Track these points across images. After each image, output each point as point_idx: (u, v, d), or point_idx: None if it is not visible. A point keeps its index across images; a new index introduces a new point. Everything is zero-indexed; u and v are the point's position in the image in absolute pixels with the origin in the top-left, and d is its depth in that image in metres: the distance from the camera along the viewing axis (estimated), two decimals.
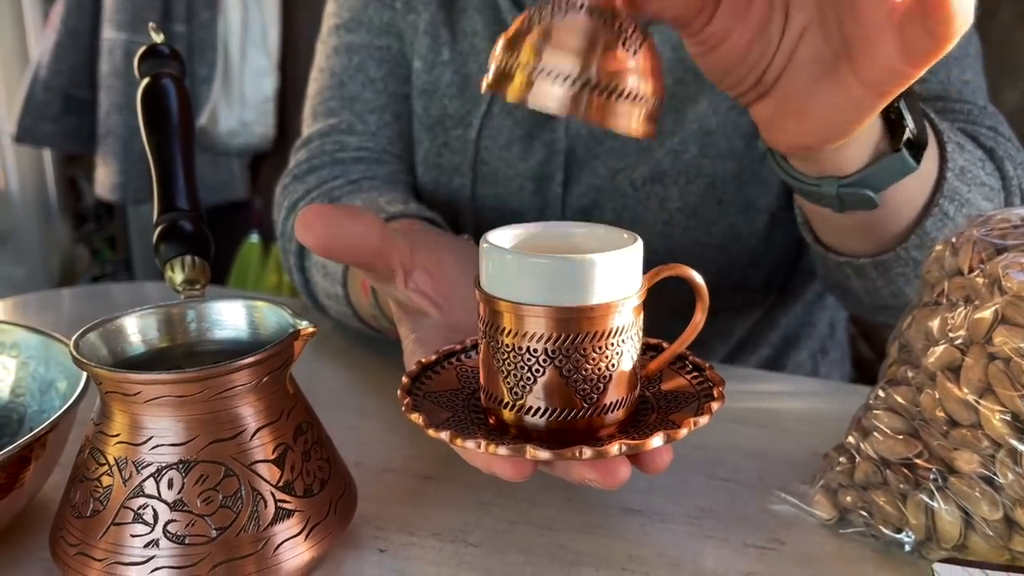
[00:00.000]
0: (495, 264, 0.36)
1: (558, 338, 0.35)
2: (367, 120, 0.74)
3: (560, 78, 0.33)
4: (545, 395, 0.36)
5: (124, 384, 0.36)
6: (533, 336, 0.35)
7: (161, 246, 0.44)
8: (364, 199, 0.66)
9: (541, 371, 0.35)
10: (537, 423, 0.37)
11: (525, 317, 0.35)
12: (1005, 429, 0.37)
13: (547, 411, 0.36)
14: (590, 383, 0.36)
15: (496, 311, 0.36)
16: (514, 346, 0.36)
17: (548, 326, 0.35)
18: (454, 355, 0.43)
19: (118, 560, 0.36)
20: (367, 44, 0.75)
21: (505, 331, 0.36)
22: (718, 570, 0.41)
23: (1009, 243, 0.39)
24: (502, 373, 0.36)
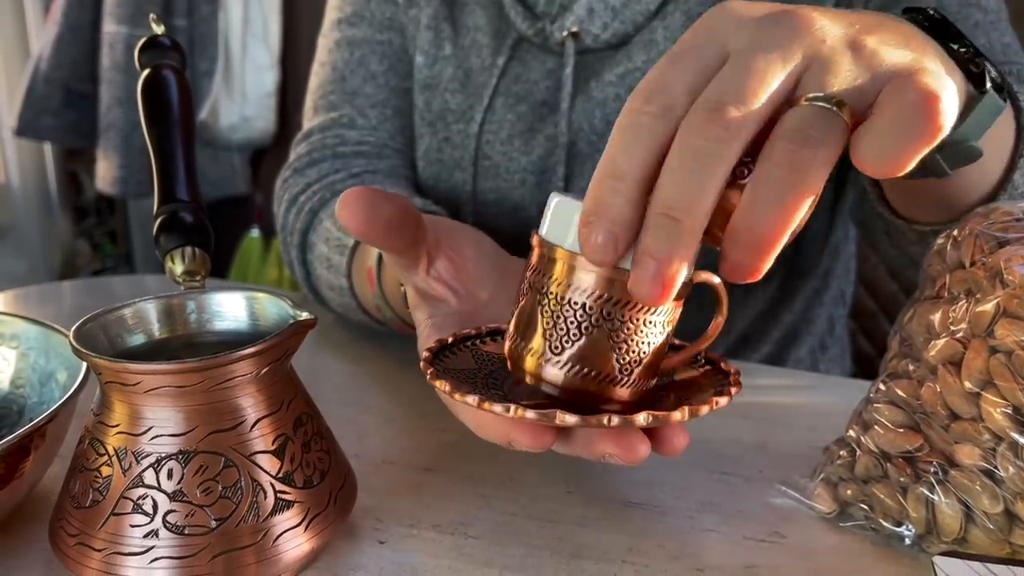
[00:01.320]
0: (561, 212, 0.36)
1: (606, 298, 0.35)
2: (368, 115, 0.74)
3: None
4: (583, 353, 0.35)
5: (124, 374, 0.36)
6: (582, 290, 0.35)
7: (161, 237, 0.44)
8: None
9: (590, 329, 0.35)
10: (559, 376, 0.36)
11: (581, 271, 0.35)
12: (1006, 422, 0.37)
13: (580, 370, 0.36)
14: (631, 354, 0.36)
15: (552, 258, 0.36)
16: (562, 297, 0.35)
17: (600, 284, 0.34)
18: (469, 339, 0.43)
19: (117, 550, 0.36)
20: (369, 39, 0.75)
21: (556, 280, 0.35)
22: (718, 563, 0.41)
23: (1011, 236, 0.39)
24: (546, 323, 0.36)
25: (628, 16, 0.66)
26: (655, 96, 0.32)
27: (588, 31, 0.67)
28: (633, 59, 0.66)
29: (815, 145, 0.30)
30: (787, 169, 0.30)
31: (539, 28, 0.68)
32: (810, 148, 0.30)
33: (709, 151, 0.30)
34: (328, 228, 0.65)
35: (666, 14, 0.66)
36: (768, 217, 0.30)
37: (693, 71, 0.32)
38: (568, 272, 0.35)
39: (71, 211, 2.15)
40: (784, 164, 0.30)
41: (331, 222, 0.65)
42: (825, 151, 0.30)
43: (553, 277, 0.36)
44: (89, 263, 2.19)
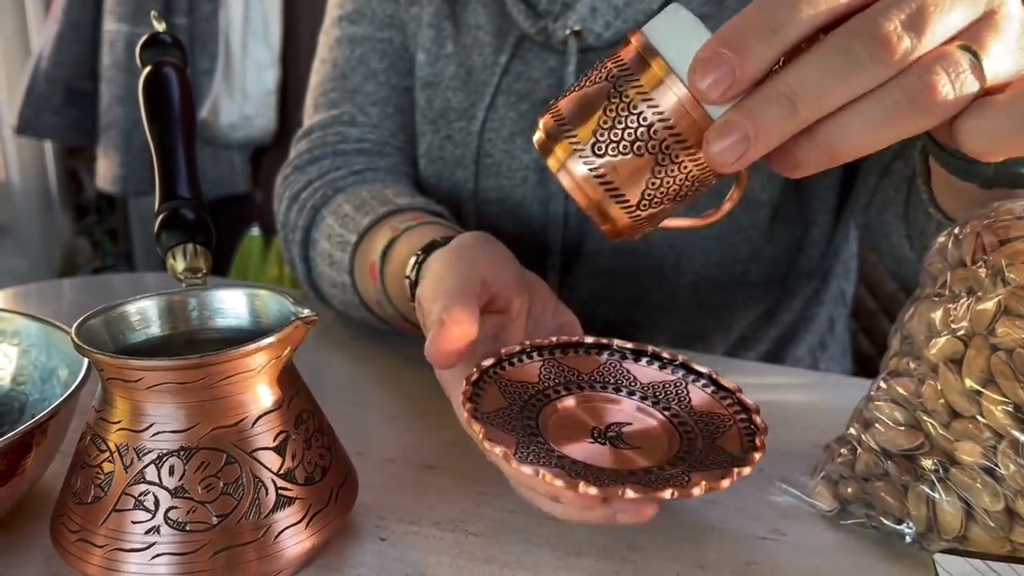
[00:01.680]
0: (679, 27, 0.34)
1: (677, 133, 0.33)
2: (369, 112, 0.74)
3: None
4: (621, 167, 0.34)
5: (125, 370, 0.36)
6: (660, 112, 0.33)
7: (163, 234, 0.44)
8: (369, 190, 0.66)
9: (641, 149, 0.34)
10: (581, 172, 0.35)
11: (667, 90, 0.33)
12: (1007, 420, 0.37)
13: (605, 179, 0.35)
14: (659, 193, 0.35)
15: (645, 63, 0.34)
16: (637, 106, 0.33)
17: (681, 115, 0.33)
18: (493, 367, 0.42)
19: (119, 547, 0.36)
20: (370, 36, 0.75)
21: (637, 87, 0.33)
22: (719, 561, 0.41)
23: (1012, 235, 0.39)
24: (603, 119, 0.34)
25: (631, 15, 0.66)
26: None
27: (591, 30, 0.67)
28: None
29: (948, 92, 0.29)
30: (909, 103, 0.29)
31: (541, 27, 0.68)
32: (940, 96, 0.29)
33: (865, 68, 0.29)
34: (330, 225, 0.65)
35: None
36: (860, 135, 0.29)
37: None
38: (655, 85, 0.33)
39: (71, 209, 2.15)
40: (911, 95, 0.29)
41: (333, 219, 0.65)
42: (945, 109, 0.29)
43: (636, 81, 0.33)
44: (89, 261, 2.19)
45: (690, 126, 0.33)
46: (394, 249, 0.56)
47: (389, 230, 0.58)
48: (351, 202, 0.65)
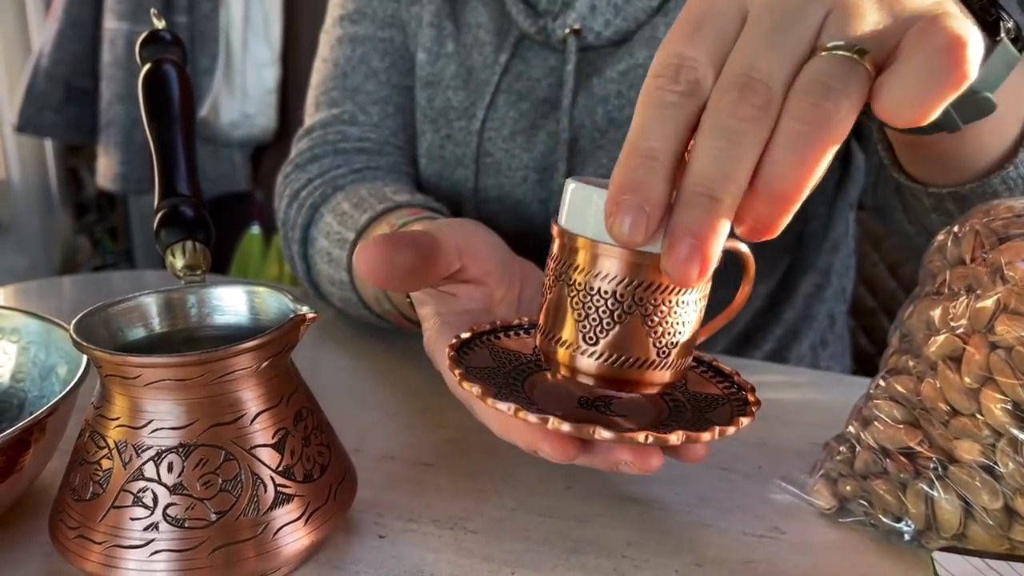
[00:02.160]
0: (578, 199, 0.35)
1: (634, 283, 0.34)
2: (369, 111, 0.74)
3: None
4: (619, 340, 0.35)
5: (124, 367, 0.36)
6: (607, 277, 0.34)
7: (162, 232, 0.44)
8: (368, 188, 0.66)
9: (624, 317, 0.34)
10: (593, 367, 0.36)
11: (605, 257, 0.34)
12: (1006, 418, 0.37)
13: (617, 359, 0.35)
14: (668, 335, 0.35)
15: (574, 248, 0.35)
16: (588, 286, 0.35)
17: (624, 270, 0.34)
18: (484, 335, 0.43)
19: (117, 543, 0.36)
20: (371, 36, 0.75)
21: (580, 269, 0.35)
22: (717, 558, 0.41)
23: (1012, 232, 0.39)
24: (577, 315, 0.35)
25: (631, 13, 0.66)
26: (681, 72, 0.31)
27: (590, 28, 0.67)
28: (635, 55, 0.66)
29: (837, 97, 0.29)
30: (809, 124, 0.29)
31: (541, 26, 0.68)
32: (832, 101, 0.29)
33: (743, 130, 0.30)
34: (329, 223, 0.65)
35: (668, 10, 0.66)
36: (791, 173, 0.30)
37: (714, 39, 0.31)
38: (593, 260, 0.34)
39: (72, 207, 2.15)
40: (806, 119, 0.29)
41: (332, 217, 0.65)
42: (848, 102, 0.29)
43: (578, 266, 0.35)
44: (90, 259, 2.19)
45: (644, 270, 0.34)
46: None
47: (387, 227, 0.58)
48: (350, 200, 0.65)
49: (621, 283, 0.34)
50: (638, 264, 0.34)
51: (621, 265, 0.34)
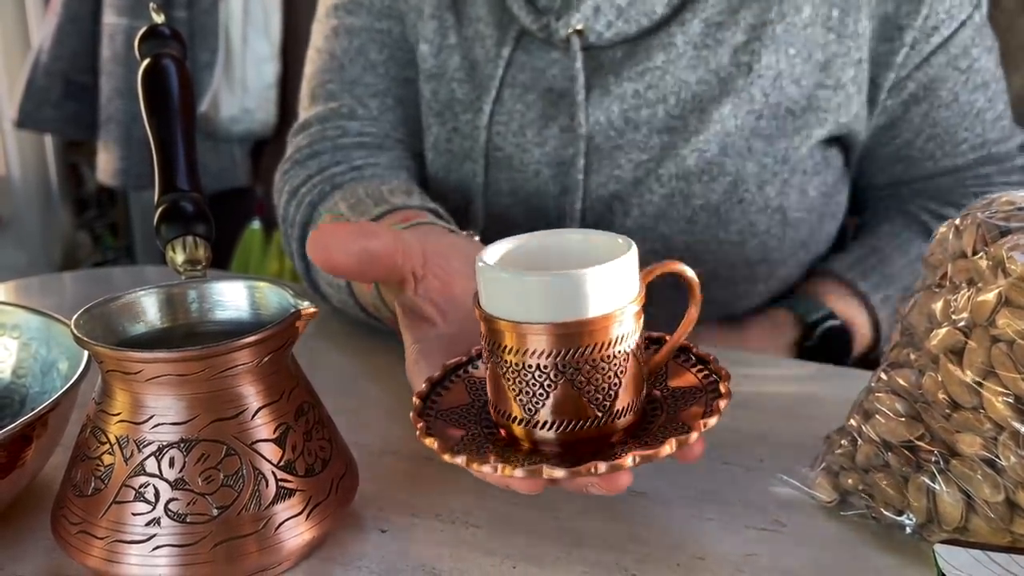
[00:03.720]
0: (492, 284, 0.36)
1: (560, 353, 0.35)
2: (368, 105, 0.74)
3: None
4: (557, 409, 0.36)
5: (125, 363, 0.36)
6: (535, 352, 0.35)
7: (162, 227, 0.44)
8: (366, 188, 0.65)
9: (553, 385, 0.36)
10: (549, 436, 0.37)
11: (527, 335, 0.35)
12: (1008, 412, 0.37)
13: (560, 424, 0.36)
14: (602, 392, 0.36)
15: (497, 330, 0.36)
16: (519, 363, 0.36)
17: (550, 342, 0.35)
18: (460, 367, 0.43)
19: (119, 538, 0.36)
20: (368, 27, 0.74)
21: (508, 349, 0.36)
22: (719, 552, 0.41)
23: (1013, 225, 0.39)
24: (512, 391, 0.37)
25: (633, 16, 0.66)
26: None
27: (593, 29, 0.67)
28: (653, 58, 0.67)
29: None
30: None
31: (543, 23, 0.68)
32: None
33: None
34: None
35: (684, 20, 0.67)
36: None
37: None
38: (516, 340, 0.36)
39: (72, 203, 2.15)
40: None
41: (329, 217, 0.65)
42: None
43: (504, 347, 0.36)
44: (90, 255, 2.19)
45: (560, 339, 0.35)
46: None
47: None
48: (347, 200, 0.64)
49: (544, 355, 0.35)
50: (561, 335, 0.35)
51: (543, 339, 0.35)
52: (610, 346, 0.36)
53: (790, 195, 0.69)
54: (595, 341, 0.35)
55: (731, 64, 0.66)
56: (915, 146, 0.73)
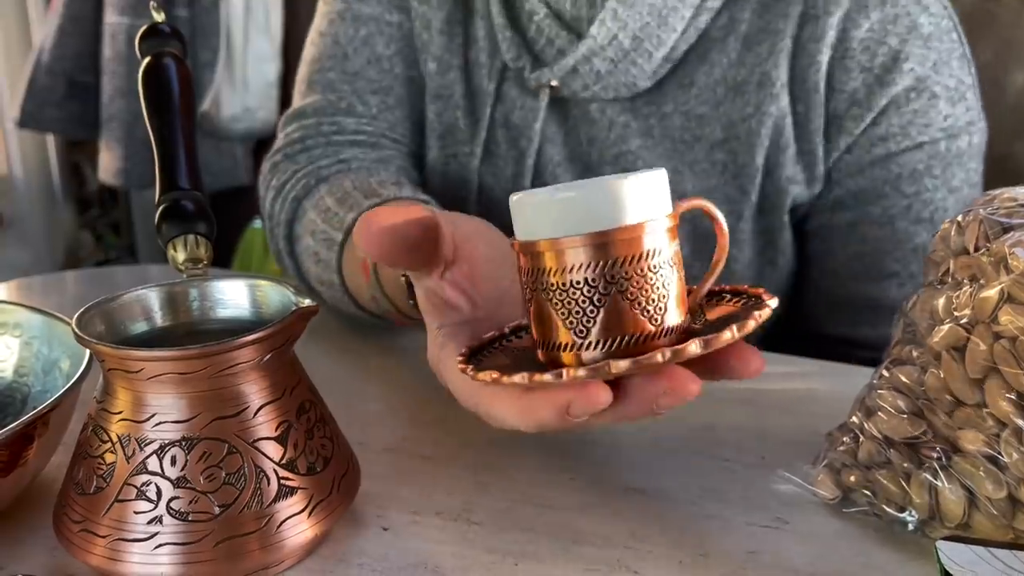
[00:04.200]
0: (528, 209, 0.36)
1: (602, 264, 0.34)
2: (368, 102, 0.71)
3: None
4: (609, 324, 0.35)
5: (127, 361, 0.36)
6: (579, 267, 0.34)
7: (163, 225, 0.44)
8: (353, 180, 0.63)
9: (603, 300, 0.34)
10: (599, 357, 0.35)
11: (566, 251, 0.34)
12: (1010, 408, 0.36)
13: (613, 341, 0.35)
14: (652, 304, 0.35)
15: (537, 253, 0.35)
16: (565, 283, 0.35)
17: (589, 253, 0.34)
18: (496, 341, 0.42)
19: (122, 536, 0.36)
20: (377, 17, 0.71)
21: (551, 271, 0.35)
22: (720, 549, 0.41)
23: (1015, 221, 0.39)
24: (561, 315, 0.35)
25: (612, 85, 0.65)
26: None
27: (568, 86, 0.65)
28: (629, 141, 0.65)
29: None
30: None
31: (520, 67, 0.67)
32: None
33: None
34: (313, 220, 0.63)
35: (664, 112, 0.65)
36: None
37: None
38: (557, 258, 0.35)
39: (74, 202, 2.15)
40: None
41: (316, 213, 0.63)
42: None
43: (546, 270, 0.35)
44: (92, 254, 2.19)
45: (604, 249, 0.34)
46: None
47: None
48: (333, 194, 0.62)
49: (589, 269, 0.34)
50: (600, 244, 0.34)
51: (584, 251, 0.34)
52: (652, 256, 0.35)
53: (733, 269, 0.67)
54: (634, 251, 0.34)
55: (707, 160, 0.65)
56: (837, 261, 0.67)
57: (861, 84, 0.61)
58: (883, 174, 0.63)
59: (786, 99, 0.62)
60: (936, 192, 0.63)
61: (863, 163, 0.63)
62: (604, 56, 0.63)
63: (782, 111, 0.63)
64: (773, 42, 0.62)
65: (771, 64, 0.62)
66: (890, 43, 0.60)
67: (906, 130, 0.62)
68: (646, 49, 0.62)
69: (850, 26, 0.60)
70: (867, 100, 0.61)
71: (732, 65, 0.63)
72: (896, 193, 0.63)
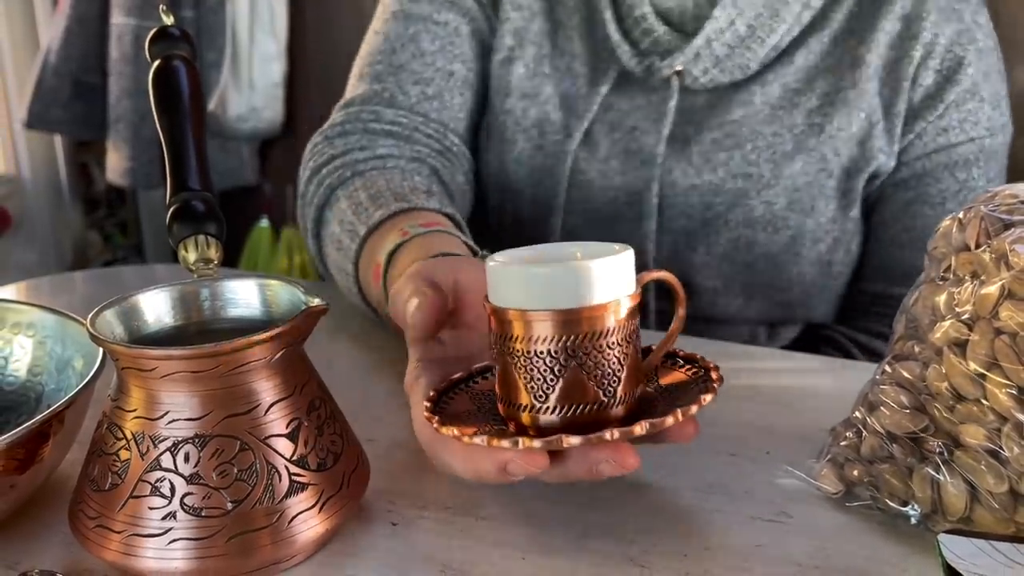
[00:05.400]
0: (503, 278, 0.39)
1: (565, 339, 0.37)
2: (408, 92, 0.76)
3: None
4: (566, 393, 0.38)
5: (141, 360, 0.37)
6: (543, 339, 0.38)
7: (174, 226, 0.44)
8: (388, 180, 0.67)
9: (563, 370, 0.38)
10: (556, 421, 0.38)
11: (533, 322, 0.38)
12: (1011, 403, 0.37)
13: (568, 408, 0.38)
14: (607, 376, 0.38)
15: (506, 320, 0.38)
16: (529, 351, 0.38)
17: (555, 328, 0.37)
18: (462, 382, 0.45)
19: (136, 532, 0.37)
20: (426, 16, 0.77)
21: (517, 338, 0.38)
22: (726, 542, 0.42)
23: (1016, 218, 0.39)
24: (524, 379, 0.38)
25: (728, 68, 0.72)
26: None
27: (690, 73, 0.72)
28: (732, 112, 0.73)
29: None
30: None
31: (646, 65, 0.73)
32: None
33: None
34: (343, 209, 0.66)
35: (766, 81, 0.72)
36: None
37: None
38: (525, 328, 0.38)
39: (82, 202, 2.17)
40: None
41: (348, 203, 0.66)
42: None
43: (514, 337, 0.38)
44: (100, 254, 2.21)
45: (568, 325, 0.37)
46: (400, 255, 0.57)
47: (398, 233, 0.58)
48: (367, 190, 0.66)
49: (553, 341, 0.38)
50: (565, 321, 0.37)
51: (550, 326, 0.37)
52: (611, 334, 0.38)
53: (838, 251, 0.74)
54: (596, 328, 0.38)
55: (804, 123, 0.72)
56: (889, 231, 0.76)
57: (933, 82, 0.72)
58: (943, 160, 0.73)
59: (877, 82, 0.72)
60: (979, 180, 0.74)
61: (928, 149, 0.73)
62: (722, 41, 0.71)
63: (874, 90, 0.72)
64: (868, 32, 0.72)
65: (864, 49, 0.71)
66: (957, 52, 0.71)
67: (962, 125, 0.72)
68: (759, 36, 0.71)
69: (938, 32, 0.71)
70: (938, 95, 0.72)
71: (827, 51, 0.73)
72: (951, 178, 0.73)
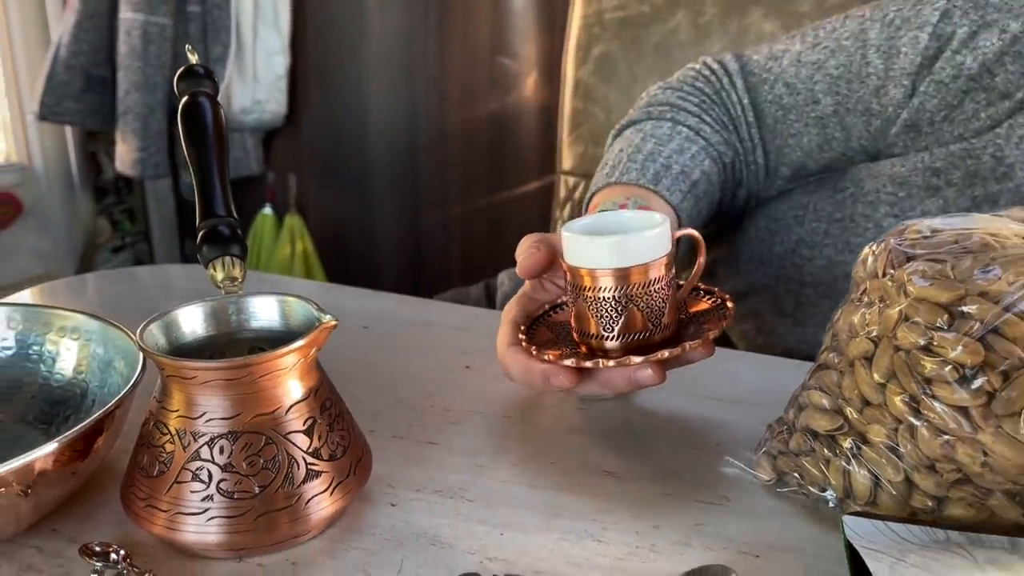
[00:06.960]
0: (575, 244, 0.53)
1: (623, 287, 0.52)
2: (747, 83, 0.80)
3: None
4: (626, 326, 0.52)
5: (183, 370, 0.44)
6: (607, 288, 0.52)
7: (204, 248, 0.52)
8: (654, 144, 0.76)
9: (624, 310, 0.52)
10: (617, 346, 0.53)
11: (600, 278, 0.52)
12: (905, 408, 0.44)
13: (628, 335, 0.53)
14: (655, 312, 0.53)
15: (580, 275, 0.53)
16: (596, 297, 0.52)
17: (615, 282, 0.52)
18: (542, 316, 0.60)
19: (180, 511, 0.44)
20: (876, 43, 0.72)
21: (587, 288, 0.53)
22: (672, 522, 0.49)
23: (917, 252, 0.46)
24: (595, 317, 0.53)
25: None
26: None
27: None
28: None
29: None
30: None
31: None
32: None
33: None
34: (614, 149, 0.78)
35: None
36: None
37: None
38: (593, 282, 0.52)
39: (91, 190, 2.22)
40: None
41: (619, 143, 0.78)
42: None
43: (585, 287, 0.53)
44: (109, 240, 2.26)
45: (626, 280, 0.52)
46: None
47: (607, 200, 0.72)
48: (631, 141, 0.77)
49: (614, 290, 0.52)
50: (622, 275, 0.52)
51: (611, 279, 0.52)
52: (656, 282, 0.52)
53: None
54: (645, 279, 0.52)
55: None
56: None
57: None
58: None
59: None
60: None
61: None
62: None
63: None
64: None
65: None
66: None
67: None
68: None
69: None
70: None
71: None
72: None
